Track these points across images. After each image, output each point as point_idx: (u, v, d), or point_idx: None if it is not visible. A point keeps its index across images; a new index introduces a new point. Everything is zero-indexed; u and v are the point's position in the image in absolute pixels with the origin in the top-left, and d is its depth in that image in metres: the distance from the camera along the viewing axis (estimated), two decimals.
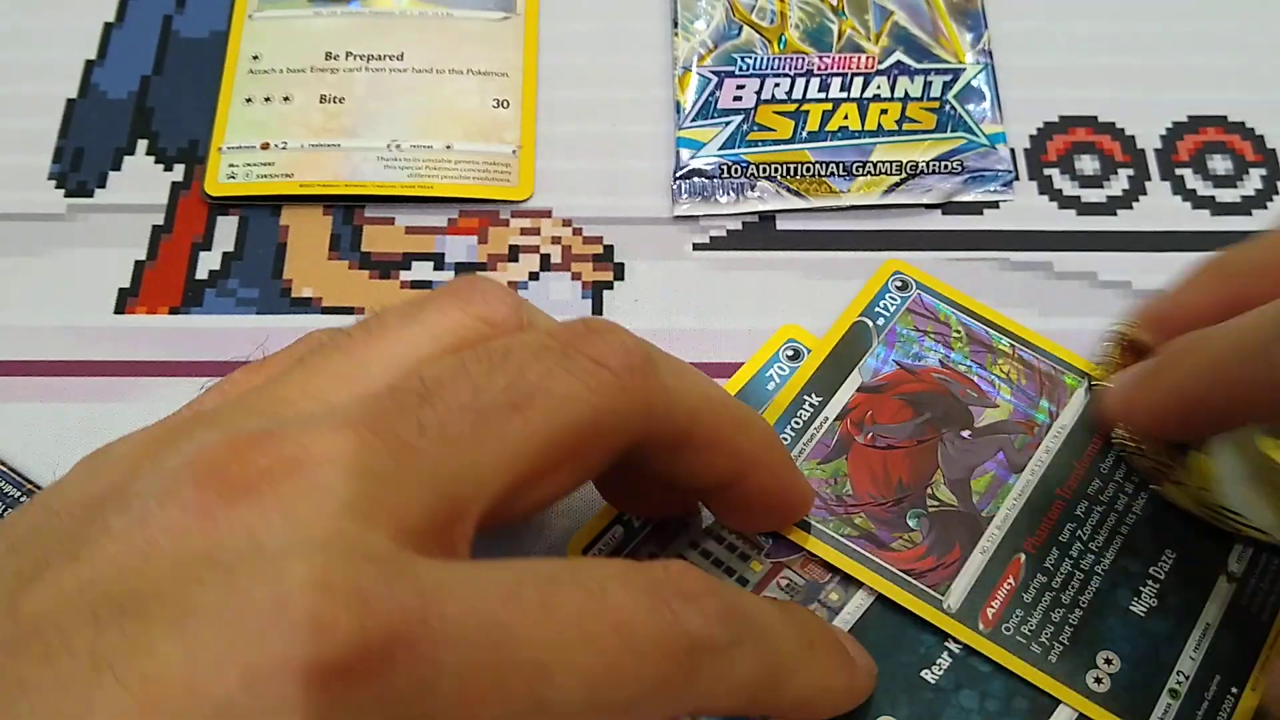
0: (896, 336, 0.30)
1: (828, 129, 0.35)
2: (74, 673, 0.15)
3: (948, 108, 0.36)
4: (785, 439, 0.29)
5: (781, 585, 0.27)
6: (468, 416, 0.19)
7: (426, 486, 0.18)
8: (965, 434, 0.29)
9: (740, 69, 0.36)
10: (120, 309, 0.33)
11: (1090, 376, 0.30)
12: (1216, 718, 0.25)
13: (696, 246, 0.34)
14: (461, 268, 0.34)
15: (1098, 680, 0.26)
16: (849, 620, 0.26)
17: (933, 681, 0.26)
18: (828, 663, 0.23)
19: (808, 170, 0.34)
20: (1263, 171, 0.35)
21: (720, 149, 0.35)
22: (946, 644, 0.26)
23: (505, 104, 0.36)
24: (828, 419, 0.29)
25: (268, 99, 0.36)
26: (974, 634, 0.26)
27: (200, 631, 0.16)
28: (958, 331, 0.30)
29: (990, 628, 0.26)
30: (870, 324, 0.30)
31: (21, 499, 0.29)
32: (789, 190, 0.34)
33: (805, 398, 0.29)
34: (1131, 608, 0.27)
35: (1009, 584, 0.27)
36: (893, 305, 0.31)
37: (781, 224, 0.34)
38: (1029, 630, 0.26)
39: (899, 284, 0.31)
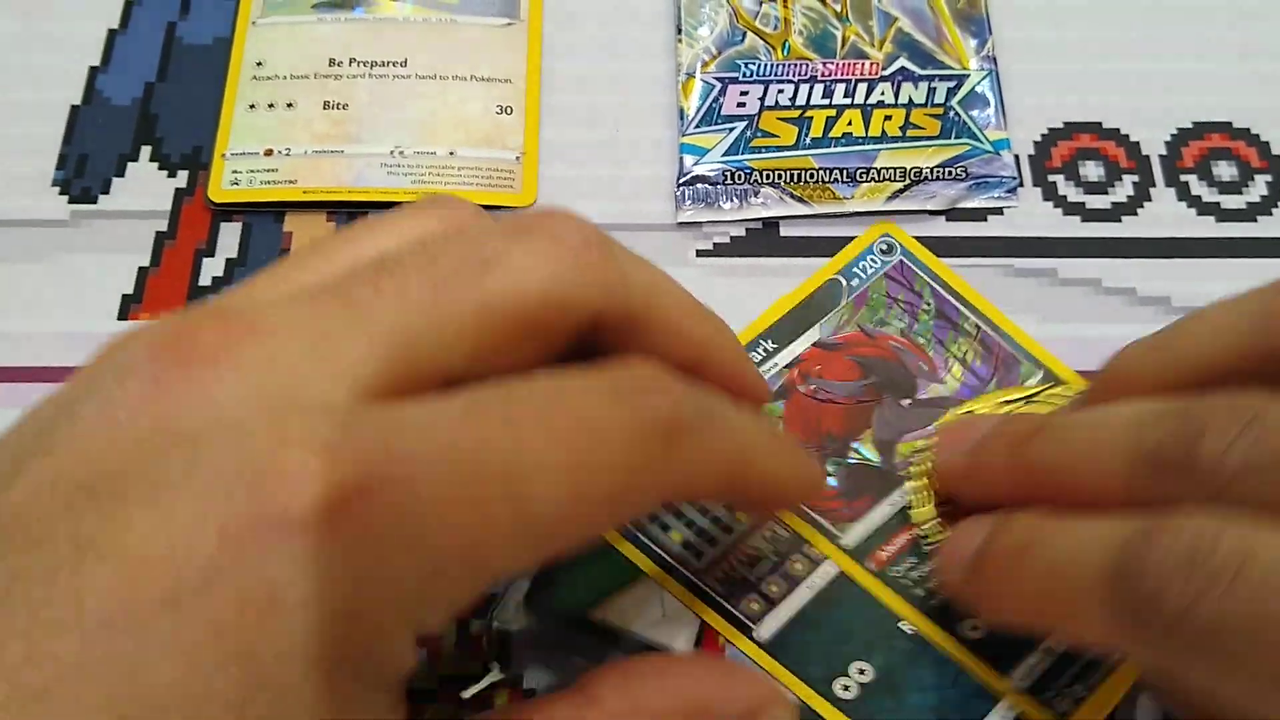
0: (866, 300, 0.31)
1: (831, 135, 0.35)
2: (59, 558, 0.16)
3: (952, 114, 0.35)
4: None
5: (765, 536, 0.28)
6: (426, 281, 0.19)
7: (383, 341, 0.18)
8: (905, 402, 0.30)
9: (744, 75, 0.36)
10: (124, 315, 0.33)
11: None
12: (1088, 675, 0.26)
13: (700, 253, 0.34)
14: None
15: (974, 628, 0.27)
16: (833, 570, 0.28)
17: (909, 631, 0.27)
18: (786, 449, 0.24)
19: (811, 176, 0.34)
20: (1268, 178, 0.35)
21: (724, 155, 0.35)
22: None
23: (509, 110, 0.36)
24: (777, 365, 0.30)
25: (271, 105, 0.36)
26: (861, 569, 0.27)
27: (172, 501, 0.16)
28: (928, 305, 0.31)
29: (879, 568, 0.28)
30: (844, 283, 0.31)
31: None
32: (793, 196, 0.34)
33: (761, 342, 0.30)
34: None
35: (906, 537, 0.28)
36: (871, 268, 0.31)
37: (785, 230, 0.34)
38: (915, 577, 0.27)
39: (884, 247, 0.32)
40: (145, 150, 0.35)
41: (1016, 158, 0.35)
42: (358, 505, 0.16)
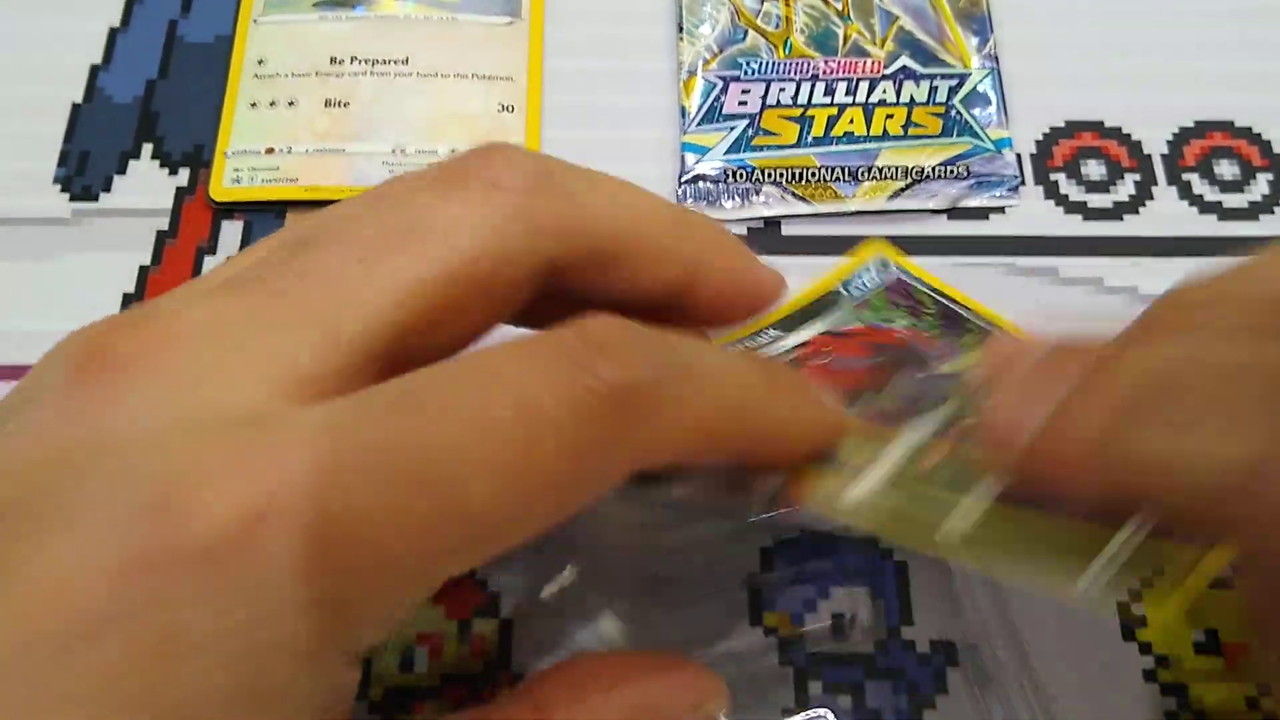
0: (869, 305, 0.30)
1: (833, 134, 0.35)
2: None
3: (953, 112, 0.35)
4: None
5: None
6: (353, 254, 0.18)
7: (308, 329, 0.17)
8: (920, 375, 0.29)
9: (745, 73, 0.36)
10: None
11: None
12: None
13: None
14: None
15: None
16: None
17: None
18: (789, 390, 0.21)
19: (813, 175, 0.34)
20: (1270, 176, 0.35)
21: (725, 154, 0.35)
22: None
23: (510, 109, 0.36)
24: (786, 347, 0.28)
25: (273, 103, 0.36)
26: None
27: (77, 531, 0.15)
28: (930, 310, 0.30)
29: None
30: (845, 292, 0.30)
31: None
32: (794, 195, 0.34)
33: (767, 331, 0.28)
34: None
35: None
36: (871, 282, 0.30)
37: (786, 229, 0.34)
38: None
39: (880, 264, 0.31)
40: (147, 148, 0.35)
41: (1018, 156, 0.35)
42: (272, 529, 0.15)
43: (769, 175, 0.34)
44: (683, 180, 0.34)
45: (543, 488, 0.17)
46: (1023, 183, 0.35)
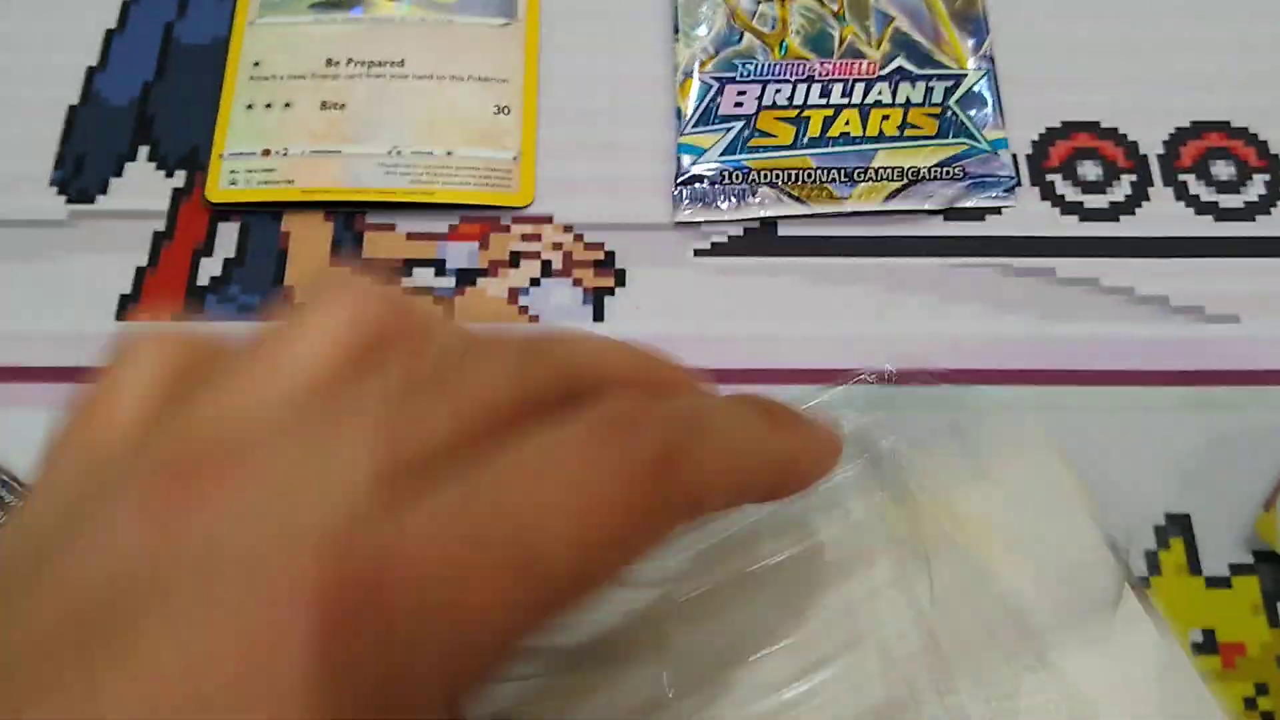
0: None
1: (829, 135, 0.35)
2: (71, 703, 0.15)
3: (949, 113, 0.35)
4: None
5: None
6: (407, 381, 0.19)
7: (376, 445, 0.18)
8: None
9: (741, 75, 0.36)
10: (122, 315, 0.33)
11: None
12: None
13: (698, 253, 0.34)
14: (462, 274, 0.34)
15: None
16: None
17: None
18: (793, 428, 0.23)
19: (809, 176, 0.34)
20: (1266, 177, 0.35)
21: (721, 155, 0.35)
22: None
23: (506, 110, 0.36)
24: None
25: (269, 105, 0.36)
26: None
27: (170, 652, 0.16)
28: None
29: None
30: None
31: None
32: (790, 196, 0.34)
33: None
34: None
35: None
36: None
37: (782, 230, 0.34)
38: None
39: None
40: (143, 150, 0.36)
41: (1014, 157, 0.35)
42: (367, 623, 0.16)
43: (765, 177, 0.34)
44: (679, 182, 0.34)
45: (609, 548, 0.19)
46: (1019, 183, 0.35)
